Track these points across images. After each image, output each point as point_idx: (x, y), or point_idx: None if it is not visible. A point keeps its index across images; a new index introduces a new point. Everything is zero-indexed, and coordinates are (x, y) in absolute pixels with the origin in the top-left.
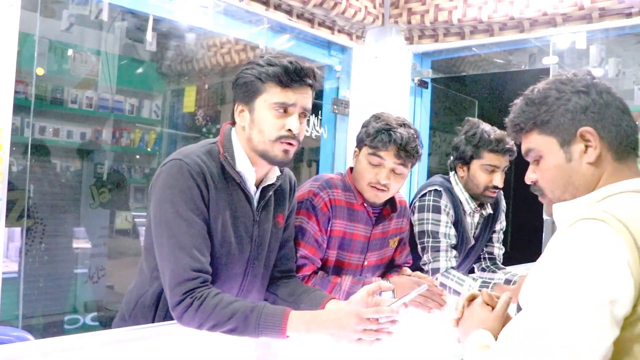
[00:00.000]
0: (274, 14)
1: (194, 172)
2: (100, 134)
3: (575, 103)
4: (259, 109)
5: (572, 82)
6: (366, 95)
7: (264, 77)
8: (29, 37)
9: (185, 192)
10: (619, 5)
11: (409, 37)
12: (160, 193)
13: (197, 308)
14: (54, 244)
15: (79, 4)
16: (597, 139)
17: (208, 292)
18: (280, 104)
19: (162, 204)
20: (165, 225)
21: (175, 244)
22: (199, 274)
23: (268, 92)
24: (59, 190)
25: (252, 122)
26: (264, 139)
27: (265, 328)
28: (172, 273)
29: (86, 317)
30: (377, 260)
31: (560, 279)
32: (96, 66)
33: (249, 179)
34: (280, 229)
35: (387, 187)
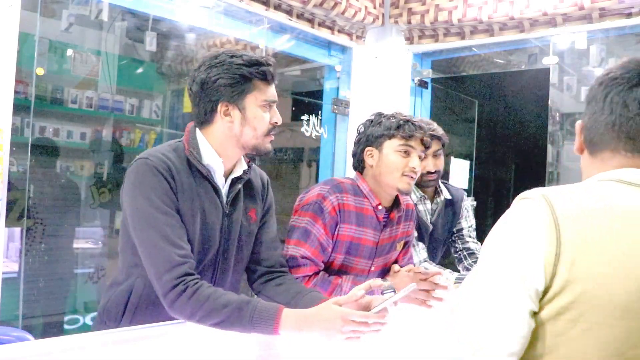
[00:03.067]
0: (274, 14)
1: (160, 168)
2: (100, 134)
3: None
4: (250, 107)
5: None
6: (366, 95)
7: (252, 76)
8: (29, 37)
9: (156, 187)
10: (619, 5)
11: (409, 37)
12: (132, 192)
13: (190, 295)
14: (54, 244)
15: (79, 4)
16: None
17: (202, 282)
18: (269, 101)
19: (137, 201)
20: (144, 221)
21: (157, 236)
22: (185, 259)
23: (257, 90)
24: (59, 190)
25: (243, 120)
26: (257, 135)
27: (258, 322)
28: (159, 263)
29: (86, 317)
30: (383, 265)
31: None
32: (96, 66)
33: (217, 170)
34: (253, 224)
35: (417, 173)
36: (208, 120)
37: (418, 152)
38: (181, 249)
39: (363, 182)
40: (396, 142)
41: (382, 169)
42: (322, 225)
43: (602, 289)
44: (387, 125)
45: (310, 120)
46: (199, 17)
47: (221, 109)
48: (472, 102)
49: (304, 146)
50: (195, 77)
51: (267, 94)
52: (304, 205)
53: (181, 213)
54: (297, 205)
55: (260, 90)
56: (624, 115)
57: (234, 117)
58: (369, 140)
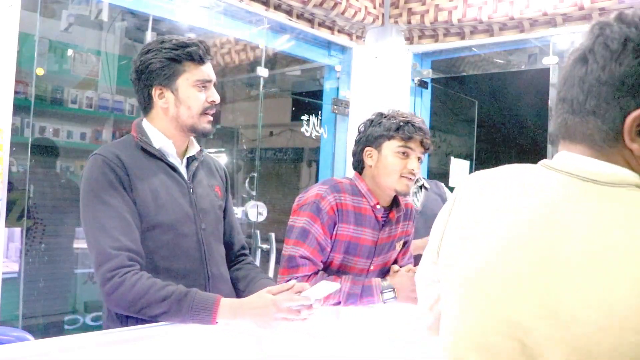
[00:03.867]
0: (274, 14)
1: (108, 159)
2: (100, 134)
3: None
4: (183, 88)
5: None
6: (366, 95)
7: (181, 58)
8: (29, 37)
9: (100, 179)
10: (619, 5)
11: (409, 37)
12: (82, 187)
13: (129, 288)
14: (53, 244)
15: (79, 4)
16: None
17: (141, 274)
18: (202, 80)
19: (83, 195)
20: (85, 213)
21: (95, 228)
22: (119, 252)
23: (188, 71)
24: (59, 190)
25: (177, 101)
26: (192, 114)
27: (197, 313)
28: (95, 255)
29: (86, 317)
30: (382, 264)
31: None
32: (96, 66)
33: (170, 152)
34: (220, 199)
35: (415, 175)
36: (149, 106)
37: (417, 153)
38: (116, 240)
39: (361, 182)
40: (395, 144)
41: (381, 170)
42: (321, 225)
43: (452, 264)
44: (387, 126)
45: (310, 120)
46: (199, 17)
47: (156, 93)
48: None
49: (304, 146)
50: (132, 67)
51: (199, 74)
52: (303, 205)
53: (140, 197)
54: (295, 206)
55: (190, 72)
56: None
57: (168, 100)
58: (368, 141)
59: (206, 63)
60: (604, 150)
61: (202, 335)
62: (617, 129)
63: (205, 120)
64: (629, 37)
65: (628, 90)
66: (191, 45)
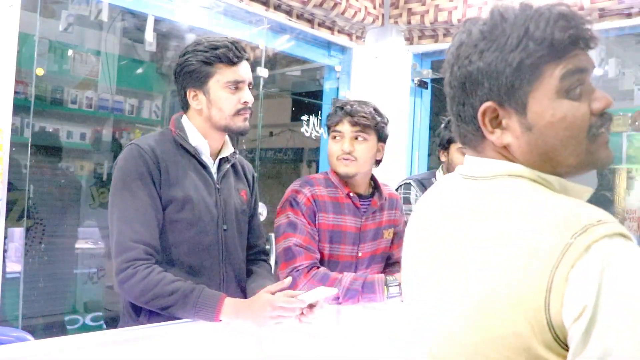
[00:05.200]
0: (274, 15)
1: (144, 151)
2: (100, 134)
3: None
4: (214, 90)
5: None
6: (366, 95)
7: (212, 60)
8: (29, 38)
9: (132, 170)
10: (619, 6)
11: (408, 37)
12: (114, 174)
13: (140, 280)
14: (53, 244)
15: (78, 4)
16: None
17: (153, 267)
18: (233, 82)
19: (114, 182)
20: (113, 202)
21: (120, 218)
22: (137, 244)
23: (219, 73)
24: (59, 190)
25: (209, 103)
26: (224, 115)
27: (201, 309)
28: (115, 244)
29: (86, 317)
30: (371, 252)
31: None
32: (96, 66)
33: (204, 151)
34: (245, 204)
35: (352, 154)
36: (186, 105)
37: (349, 134)
38: (137, 233)
39: (332, 173)
40: (330, 134)
41: (329, 159)
42: (302, 215)
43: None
44: (327, 118)
45: (310, 120)
46: (199, 17)
47: (190, 95)
48: None
49: (304, 146)
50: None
51: (230, 75)
52: (282, 204)
53: (168, 192)
54: (278, 209)
55: (221, 73)
56: None
57: (201, 101)
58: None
59: (239, 64)
60: (479, 148)
61: (202, 335)
62: (477, 127)
63: (239, 120)
64: (462, 42)
65: (470, 89)
66: (221, 47)
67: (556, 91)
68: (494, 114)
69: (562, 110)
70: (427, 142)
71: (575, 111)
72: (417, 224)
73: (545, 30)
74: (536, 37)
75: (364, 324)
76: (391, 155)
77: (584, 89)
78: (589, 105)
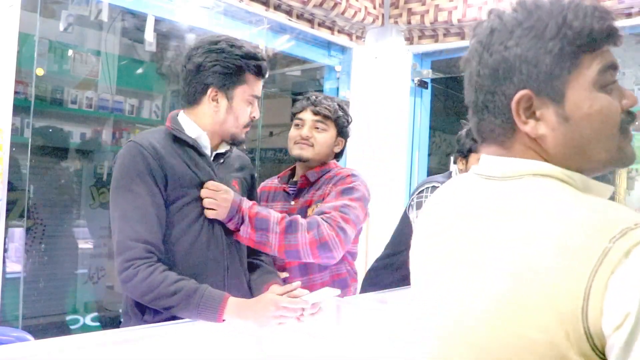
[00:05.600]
0: (274, 15)
1: (143, 147)
2: (100, 134)
3: None
4: (238, 99)
5: None
6: (366, 95)
7: (247, 69)
8: (29, 38)
9: (131, 168)
10: (619, 6)
11: (409, 37)
12: (114, 172)
13: (142, 280)
14: (54, 244)
15: (78, 4)
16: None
17: (155, 267)
18: (255, 96)
19: (113, 180)
20: (113, 201)
21: (120, 216)
22: (137, 243)
23: (248, 83)
24: (59, 190)
25: (229, 109)
26: (237, 125)
27: (204, 310)
28: (116, 244)
29: (86, 317)
30: None
31: None
32: (96, 67)
33: (203, 142)
34: (239, 192)
35: (309, 140)
36: (196, 101)
37: (309, 122)
38: (136, 232)
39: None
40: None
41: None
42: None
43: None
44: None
45: None
46: (199, 17)
47: (210, 94)
48: None
49: None
50: (192, 57)
51: (255, 88)
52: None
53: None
54: None
55: (250, 84)
56: None
57: (220, 104)
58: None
59: (262, 80)
60: (506, 143)
61: (203, 335)
62: (508, 118)
63: (244, 132)
64: (493, 28)
65: (504, 76)
66: (260, 59)
67: (594, 83)
68: (528, 104)
69: (599, 103)
70: (427, 142)
71: (610, 105)
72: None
73: (585, 21)
74: (575, 26)
75: (364, 324)
76: (391, 155)
77: (615, 86)
78: (619, 102)
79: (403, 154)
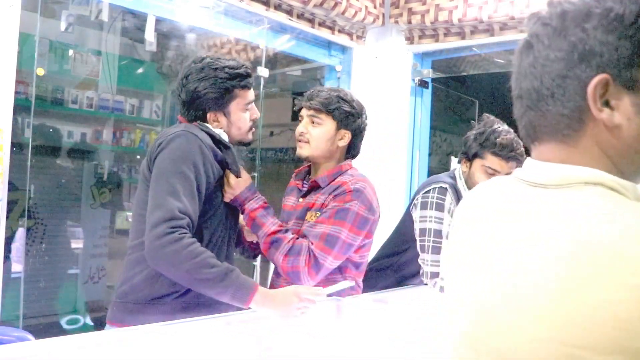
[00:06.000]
0: (274, 14)
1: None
2: (101, 134)
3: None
4: (234, 112)
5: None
6: (367, 95)
7: (234, 87)
8: (30, 38)
9: (188, 154)
10: None
11: (409, 37)
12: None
13: (186, 246)
14: (54, 244)
15: (79, 4)
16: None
17: (196, 241)
18: (249, 103)
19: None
20: (161, 176)
21: (167, 190)
22: (184, 215)
23: (240, 96)
24: (59, 190)
25: (230, 123)
26: (242, 132)
27: (237, 291)
28: (160, 213)
29: (86, 317)
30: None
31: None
32: (96, 66)
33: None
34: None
35: (304, 136)
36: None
37: (305, 117)
38: (184, 206)
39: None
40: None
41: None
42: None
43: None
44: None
45: None
46: (199, 17)
47: (210, 117)
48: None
49: None
50: (185, 86)
51: (248, 98)
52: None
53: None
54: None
55: (242, 97)
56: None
57: (221, 122)
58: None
59: (252, 85)
60: (571, 138)
61: (203, 335)
62: (580, 106)
63: (250, 134)
64: (566, 9)
65: (580, 59)
66: (244, 75)
67: None
68: (603, 90)
69: None
70: (428, 141)
71: None
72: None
73: None
74: None
75: (364, 324)
76: (391, 155)
77: None
78: None
79: (403, 153)
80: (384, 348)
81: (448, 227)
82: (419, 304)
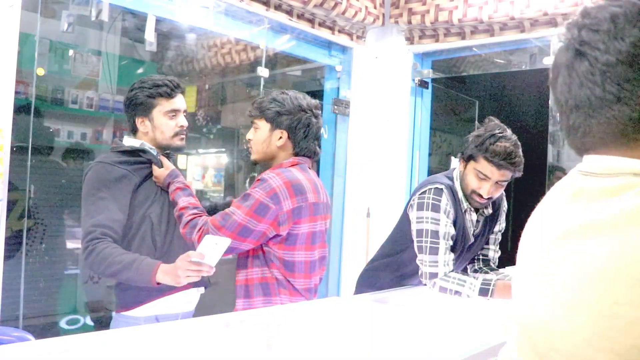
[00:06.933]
0: (274, 14)
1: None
2: (101, 134)
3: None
4: (156, 118)
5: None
6: (367, 95)
7: (154, 95)
8: (30, 38)
9: (95, 181)
10: None
11: (409, 37)
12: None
13: (97, 254)
14: (54, 244)
15: (79, 4)
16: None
17: (108, 244)
18: (171, 110)
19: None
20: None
21: (83, 215)
22: (95, 228)
23: (160, 104)
24: (60, 190)
25: (153, 128)
26: (165, 137)
27: (142, 274)
28: (82, 234)
29: (86, 317)
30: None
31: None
32: (97, 66)
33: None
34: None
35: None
36: (135, 129)
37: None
38: (96, 221)
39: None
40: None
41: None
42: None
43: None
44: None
45: None
46: (199, 17)
47: (138, 121)
48: (473, 102)
49: None
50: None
51: (169, 106)
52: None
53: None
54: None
55: (162, 104)
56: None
57: (147, 126)
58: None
59: (175, 97)
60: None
61: (203, 335)
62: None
63: (177, 139)
64: (615, 12)
65: None
66: (162, 85)
67: None
68: None
69: None
70: (428, 142)
71: None
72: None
73: None
74: None
75: (365, 324)
76: (391, 155)
77: None
78: None
79: (403, 154)
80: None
81: (445, 227)
82: (419, 304)
